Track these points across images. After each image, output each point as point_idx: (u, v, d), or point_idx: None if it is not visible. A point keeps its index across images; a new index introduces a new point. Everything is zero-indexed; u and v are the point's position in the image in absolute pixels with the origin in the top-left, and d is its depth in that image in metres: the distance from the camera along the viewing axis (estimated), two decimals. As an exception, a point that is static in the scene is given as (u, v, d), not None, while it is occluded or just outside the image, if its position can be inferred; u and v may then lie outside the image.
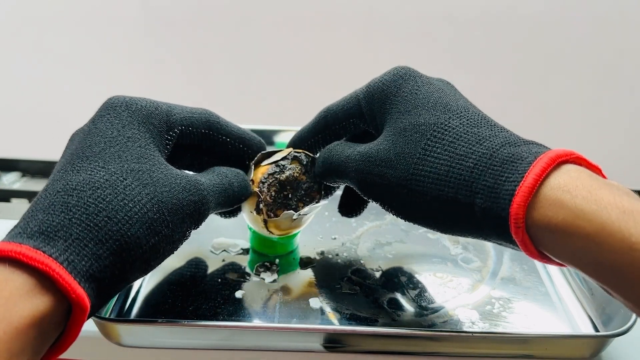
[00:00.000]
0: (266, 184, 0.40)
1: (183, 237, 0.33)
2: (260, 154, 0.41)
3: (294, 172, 0.40)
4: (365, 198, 0.38)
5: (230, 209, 0.39)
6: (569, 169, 0.29)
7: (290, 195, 0.40)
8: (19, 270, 0.26)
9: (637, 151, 1.00)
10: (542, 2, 0.94)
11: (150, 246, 0.30)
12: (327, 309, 0.40)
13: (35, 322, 0.25)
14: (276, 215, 0.40)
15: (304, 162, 0.41)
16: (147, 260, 0.31)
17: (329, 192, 0.43)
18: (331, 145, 0.40)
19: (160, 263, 0.33)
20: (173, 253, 0.33)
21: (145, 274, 0.32)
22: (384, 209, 0.36)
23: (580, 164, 0.30)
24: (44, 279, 0.26)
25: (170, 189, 0.32)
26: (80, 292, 0.27)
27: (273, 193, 0.40)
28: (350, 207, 0.44)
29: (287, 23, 0.97)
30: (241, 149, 0.40)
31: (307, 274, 0.43)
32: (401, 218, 0.36)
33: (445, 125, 0.33)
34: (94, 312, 0.30)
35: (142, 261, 0.31)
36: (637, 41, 0.94)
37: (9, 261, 0.26)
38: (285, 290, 0.42)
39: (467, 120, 0.34)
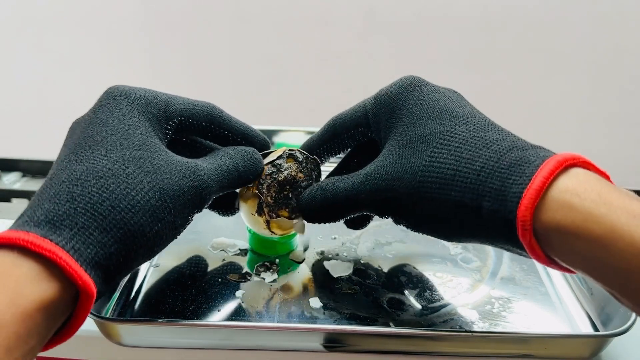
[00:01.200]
0: (265, 184, 0.40)
1: (185, 222, 0.34)
2: (262, 152, 0.41)
3: (291, 171, 0.40)
4: (379, 216, 0.38)
5: (233, 201, 0.39)
6: (578, 173, 0.29)
7: (290, 195, 0.40)
8: (27, 257, 0.26)
9: (637, 152, 1.00)
10: (542, 2, 0.94)
11: (153, 233, 0.31)
12: (327, 309, 0.40)
13: (43, 306, 0.26)
14: (278, 216, 0.40)
15: (300, 160, 0.41)
16: (150, 247, 0.32)
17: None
18: (325, 182, 0.39)
19: (163, 248, 0.33)
20: (176, 238, 0.34)
21: (149, 259, 0.33)
22: (397, 223, 0.37)
23: (588, 169, 0.30)
24: (51, 266, 0.27)
25: (171, 175, 0.33)
26: (86, 278, 0.27)
27: (273, 193, 0.40)
28: (356, 220, 0.43)
29: (286, 23, 0.97)
30: (243, 144, 0.40)
31: (307, 274, 0.43)
32: (412, 229, 0.36)
33: (451, 132, 0.33)
34: (100, 297, 0.30)
35: (146, 247, 0.31)
36: (637, 41, 0.95)
37: (17, 248, 0.26)
38: (285, 290, 0.42)
39: (474, 125, 0.34)
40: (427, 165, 0.33)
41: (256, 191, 0.40)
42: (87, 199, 0.29)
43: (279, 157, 0.40)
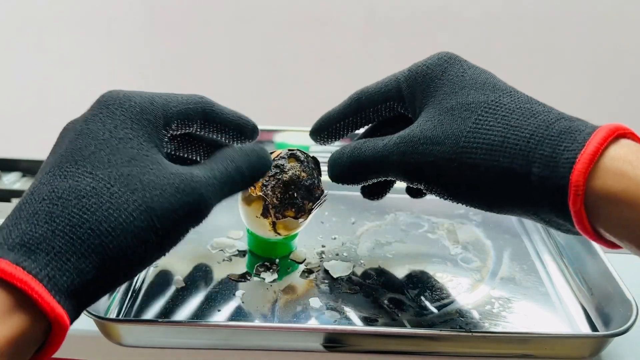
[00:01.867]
0: (269, 186, 0.39)
1: (177, 240, 0.32)
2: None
3: (295, 171, 0.40)
4: (407, 183, 0.37)
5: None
6: (628, 143, 0.29)
7: (295, 194, 0.40)
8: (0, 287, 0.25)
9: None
10: (542, 2, 0.94)
11: (136, 256, 0.29)
12: (327, 309, 0.40)
13: (14, 341, 0.25)
14: (284, 216, 0.40)
15: (301, 159, 0.41)
16: (132, 270, 0.30)
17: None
18: (358, 142, 0.39)
19: (148, 267, 0.32)
20: (164, 255, 0.32)
21: (131, 279, 0.31)
22: (429, 191, 0.36)
23: (637, 141, 0.30)
24: (23, 297, 0.26)
25: (162, 191, 0.30)
26: (59, 311, 0.26)
27: (279, 194, 0.40)
28: (373, 189, 0.42)
29: (286, 23, 0.97)
30: (237, 135, 0.38)
31: (307, 274, 0.43)
32: (447, 197, 0.35)
33: (497, 102, 0.33)
34: (73, 322, 0.29)
35: (127, 270, 0.30)
36: (637, 41, 0.95)
37: None
38: (285, 290, 0.42)
39: (518, 97, 0.33)
40: (471, 132, 0.33)
41: (260, 193, 0.39)
42: (66, 221, 0.28)
43: (281, 158, 0.40)
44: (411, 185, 0.37)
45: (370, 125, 0.42)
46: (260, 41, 0.98)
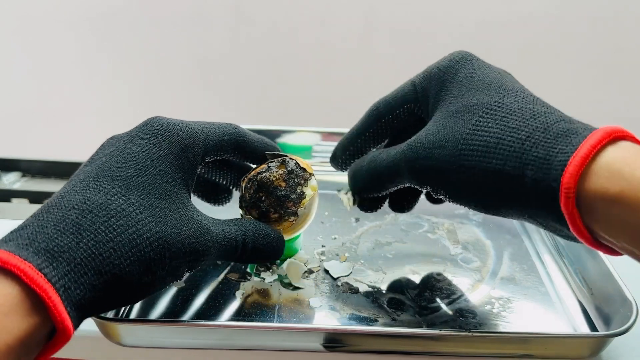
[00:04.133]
0: (251, 180, 0.39)
1: (175, 278, 0.33)
2: (269, 152, 0.40)
3: (271, 176, 0.39)
4: (419, 189, 0.37)
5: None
6: (626, 145, 0.29)
7: (263, 198, 0.39)
8: (19, 286, 0.26)
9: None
10: (542, 2, 0.94)
11: (141, 284, 0.31)
12: (327, 309, 0.40)
13: (25, 340, 0.26)
14: (249, 214, 0.40)
15: (289, 169, 0.39)
16: (134, 296, 0.31)
17: (368, 208, 0.42)
18: (372, 154, 0.39)
19: (145, 297, 0.33)
20: (155, 292, 0.33)
21: (127, 305, 0.32)
22: (435, 194, 0.36)
23: (635, 143, 0.30)
24: (39, 301, 0.27)
25: (180, 232, 0.32)
26: (68, 323, 0.27)
27: (251, 191, 0.39)
28: (398, 200, 0.43)
29: (286, 23, 0.97)
30: (262, 161, 0.40)
31: (307, 274, 0.43)
32: (449, 199, 0.35)
33: (499, 102, 0.33)
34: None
35: (130, 296, 0.31)
36: (637, 40, 0.95)
37: (11, 274, 0.26)
38: (285, 290, 0.42)
39: (522, 98, 0.33)
40: (470, 134, 0.33)
41: (243, 184, 0.40)
42: (92, 235, 0.29)
43: (277, 160, 0.40)
44: (421, 190, 0.38)
45: (391, 135, 0.42)
46: (260, 41, 0.98)
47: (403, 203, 0.43)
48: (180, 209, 0.33)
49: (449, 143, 0.33)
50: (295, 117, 1.00)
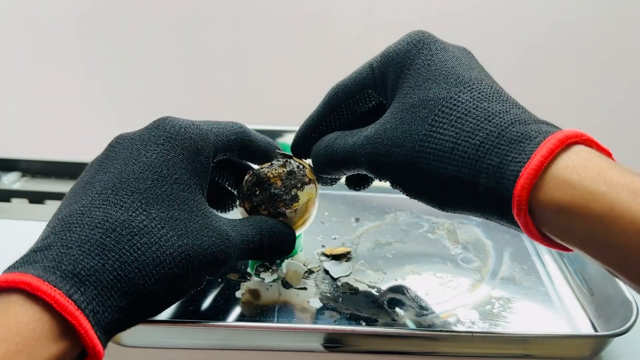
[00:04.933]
0: (252, 174, 0.40)
1: (196, 287, 0.33)
2: (280, 152, 0.41)
3: (270, 172, 0.39)
4: (377, 179, 0.37)
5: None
6: (579, 150, 0.29)
7: (257, 193, 0.39)
8: (50, 313, 0.26)
9: (636, 152, 1.00)
10: (542, 2, 0.94)
11: (164, 298, 0.31)
12: (327, 309, 0.40)
13: None
14: (243, 206, 0.40)
15: (289, 169, 0.39)
16: (158, 310, 0.31)
17: (327, 183, 0.42)
18: (330, 138, 0.39)
19: (166, 309, 0.33)
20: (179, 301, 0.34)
21: (151, 317, 0.32)
22: (394, 187, 0.36)
23: (590, 146, 0.29)
24: (69, 326, 0.27)
25: (202, 242, 0.32)
26: (99, 348, 0.27)
27: (250, 184, 0.39)
28: (357, 182, 0.43)
29: (286, 23, 0.97)
30: (265, 160, 0.40)
31: (307, 275, 0.43)
32: (409, 196, 0.35)
33: (455, 99, 0.33)
34: None
35: (154, 311, 0.31)
36: (637, 40, 0.95)
37: (43, 301, 0.26)
38: (285, 290, 0.42)
39: (479, 93, 0.33)
40: (426, 135, 0.32)
41: (246, 176, 0.40)
42: (117, 256, 0.29)
43: (282, 159, 0.40)
44: (380, 181, 0.37)
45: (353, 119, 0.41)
46: (260, 41, 0.98)
47: (359, 183, 0.43)
48: (199, 218, 0.33)
49: (407, 142, 0.33)
50: (295, 117, 1.00)
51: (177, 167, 0.33)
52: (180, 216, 0.32)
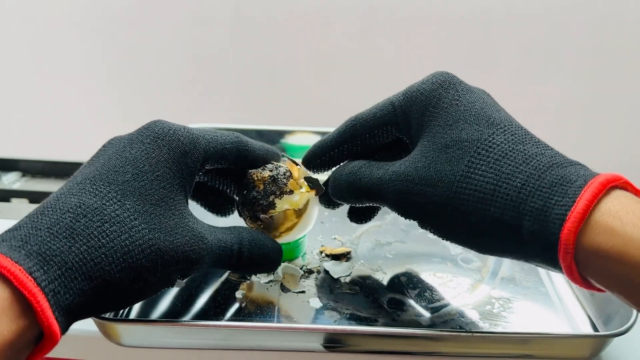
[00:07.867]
0: (248, 174, 0.40)
1: (167, 285, 0.33)
2: (286, 156, 0.41)
3: (256, 175, 0.39)
4: (402, 217, 0.37)
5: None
6: (619, 195, 0.29)
7: (245, 193, 0.39)
8: (10, 289, 0.26)
9: (637, 152, 1.00)
10: (542, 2, 0.94)
11: (132, 290, 0.31)
12: (327, 309, 0.40)
13: (13, 343, 0.26)
14: (237, 207, 0.40)
15: (273, 175, 0.39)
16: (124, 301, 0.31)
17: (334, 206, 0.42)
18: (355, 166, 0.38)
19: (136, 303, 0.33)
20: (149, 297, 0.33)
21: (118, 309, 0.33)
22: (422, 227, 0.36)
23: (626, 189, 0.30)
24: (28, 305, 0.27)
25: (174, 239, 0.32)
26: (55, 327, 0.27)
27: (243, 184, 0.40)
28: (360, 214, 0.43)
29: (286, 23, 0.97)
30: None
31: (307, 275, 0.43)
32: (440, 237, 0.35)
33: (490, 141, 0.33)
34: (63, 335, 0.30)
35: (120, 301, 0.31)
36: (637, 41, 0.95)
37: (2, 277, 0.27)
38: (285, 290, 0.42)
39: (512, 135, 0.33)
40: (464, 175, 0.32)
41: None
42: (84, 240, 0.29)
43: (275, 164, 0.40)
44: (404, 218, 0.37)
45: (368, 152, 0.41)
46: (260, 41, 0.98)
47: (362, 216, 0.43)
48: (175, 216, 0.33)
49: (442, 183, 0.33)
50: (295, 117, 1.00)
51: (160, 165, 0.33)
52: (156, 211, 0.32)
